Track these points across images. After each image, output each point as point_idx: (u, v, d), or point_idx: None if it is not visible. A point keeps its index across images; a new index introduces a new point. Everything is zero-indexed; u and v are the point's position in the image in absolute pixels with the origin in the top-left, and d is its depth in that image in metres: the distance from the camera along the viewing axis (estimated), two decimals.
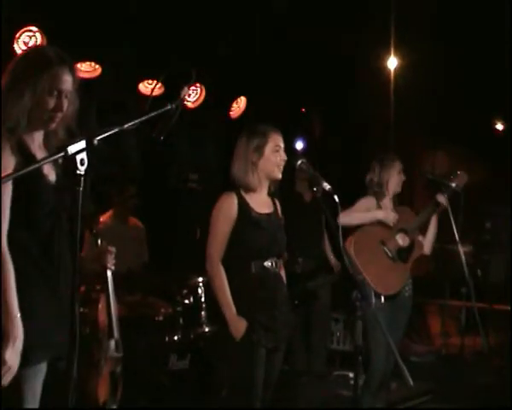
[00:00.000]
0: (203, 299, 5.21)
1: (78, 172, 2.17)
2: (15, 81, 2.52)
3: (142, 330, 4.88)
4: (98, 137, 2.24)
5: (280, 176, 3.64)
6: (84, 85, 2.72)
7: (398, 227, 4.83)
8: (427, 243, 4.97)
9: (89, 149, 2.19)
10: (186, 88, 2.71)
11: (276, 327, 3.55)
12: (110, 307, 3.51)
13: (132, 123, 2.42)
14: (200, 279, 5.21)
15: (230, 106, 7.65)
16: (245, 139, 3.65)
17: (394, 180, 4.93)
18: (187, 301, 5.21)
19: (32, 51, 2.93)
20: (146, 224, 6.11)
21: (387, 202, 4.94)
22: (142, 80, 6.62)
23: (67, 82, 2.57)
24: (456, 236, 4.65)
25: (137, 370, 4.68)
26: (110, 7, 5.78)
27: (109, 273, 3.33)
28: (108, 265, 3.14)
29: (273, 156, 3.60)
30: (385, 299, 4.55)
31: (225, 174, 3.81)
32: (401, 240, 4.83)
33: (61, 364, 2.52)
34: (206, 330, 5.16)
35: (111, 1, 5.86)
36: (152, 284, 5.29)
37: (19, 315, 2.38)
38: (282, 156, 3.61)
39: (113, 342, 3.62)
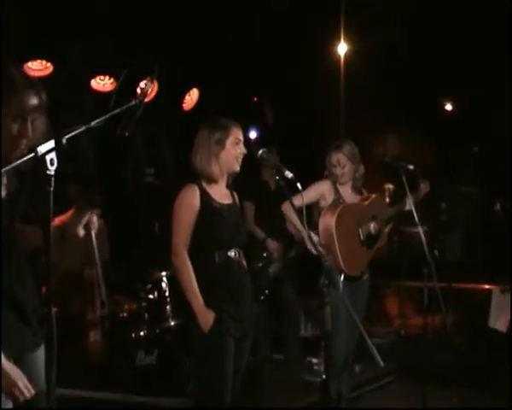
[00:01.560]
0: (167, 293, 5.21)
1: (48, 172, 2.15)
2: None
3: (107, 327, 4.85)
4: (66, 136, 2.22)
5: (238, 168, 3.69)
6: None
7: (372, 214, 4.89)
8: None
9: (58, 148, 2.17)
10: (149, 83, 2.69)
11: (243, 316, 3.58)
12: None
13: (98, 120, 2.39)
14: (164, 273, 5.21)
15: (183, 98, 7.61)
16: (207, 132, 3.67)
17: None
18: (151, 296, 5.21)
19: None
20: (104, 221, 6.05)
21: (347, 188, 4.97)
22: (93, 76, 6.54)
23: (33, 107, 2.47)
24: (416, 218, 4.72)
25: (105, 366, 4.66)
26: (60, 3, 5.68)
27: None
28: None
29: (233, 149, 3.64)
30: (343, 279, 4.59)
31: (181, 167, 3.82)
32: (373, 228, 4.89)
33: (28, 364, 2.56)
34: (172, 324, 5.16)
35: None
36: (115, 280, 5.25)
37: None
38: (241, 149, 3.67)
39: None
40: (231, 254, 3.59)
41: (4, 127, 2.43)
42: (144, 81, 6.19)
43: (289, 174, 3.27)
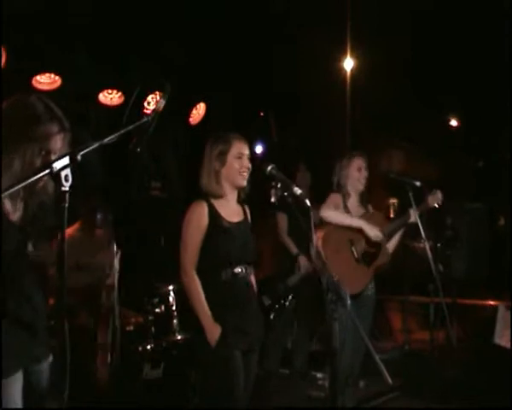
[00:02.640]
0: (174, 307, 5.21)
1: (63, 188, 2.18)
2: (3, 142, 2.39)
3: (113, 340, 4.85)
4: (81, 153, 2.25)
5: (244, 183, 3.67)
6: None
7: None
8: (391, 245, 5.04)
9: (73, 164, 2.20)
10: (162, 100, 2.72)
11: (249, 330, 3.59)
12: None
13: (112, 136, 2.42)
14: (171, 287, 5.21)
15: (190, 112, 7.65)
16: (209, 147, 3.68)
17: (353, 178, 4.97)
18: (158, 310, 5.21)
19: (19, 104, 2.56)
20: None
21: (354, 202, 4.99)
22: (101, 90, 6.58)
23: (57, 140, 2.49)
24: (422, 233, 4.73)
25: (111, 380, 4.66)
26: (68, 18, 5.73)
27: None
28: None
29: (236, 164, 3.62)
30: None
31: (187, 181, 3.83)
32: (368, 245, 4.88)
33: (34, 377, 2.59)
34: (179, 337, 5.16)
35: (69, 12, 5.81)
36: (121, 294, 5.26)
37: None
38: (245, 164, 3.64)
39: None
40: (237, 270, 3.60)
41: (30, 164, 2.42)
42: (152, 96, 6.26)
43: (298, 191, 3.26)
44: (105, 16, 6.14)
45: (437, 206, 4.96)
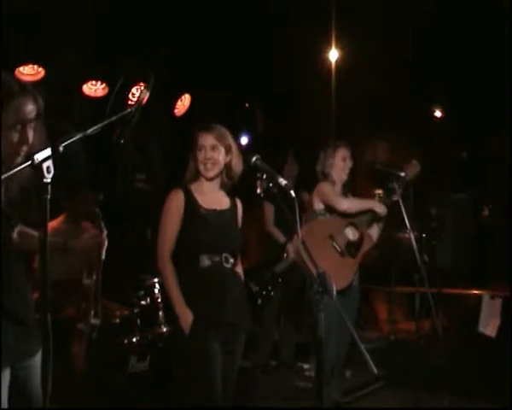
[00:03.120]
0: (160, 299, 5.20)
1: (45, 180, 2.16)
2: None
3: (99, 333, 4.83)
4: (63, 144, 2.22)
5: (209, 175, 3.65)
6: None
7: (346, 221, 4.88)
8: (374, 233, 5.04)
9: (55, 156, 2.18)
10: (145, 90, 2.71)
11: (226, 320, 3.55)
12: None
13: (95, 128, 2.40)
14: (156, 280, 5.20)
15: (175, 104, 7.62)
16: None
17: (338, 167, 4.97)
18: (144, 303, 5.20)
19: None
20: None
21: (338, 191, 4.99)
22: (85, 82, 6.54)
23: (31, 113, 2.49)
24: (408, 224, 4.73)
25: (97, 373, 4.65)
26: (52, 8, 5.68)
27: None
28: None
29: (199, 155, 3.65)
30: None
31: (172, 173, 3.82)
32: (351, 234, 4.88)
33: (22, 373, 2.57)
34: (165, 330, 5.15)
35: (52, 2, 5.76)
36: (107, 286, 5.24)
37: None
38: (205, 155, 3.63)
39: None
40: (216, 259, 3.58)
41: (4, 135, 2.43)
42: (136, 87, 6.22)
43: (283, 181, 3.25)
44: (90, 7, 6.10)
45: (414, 175, 4.95)
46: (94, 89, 6.52)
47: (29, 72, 5.91)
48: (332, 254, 4.75)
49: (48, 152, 2.17)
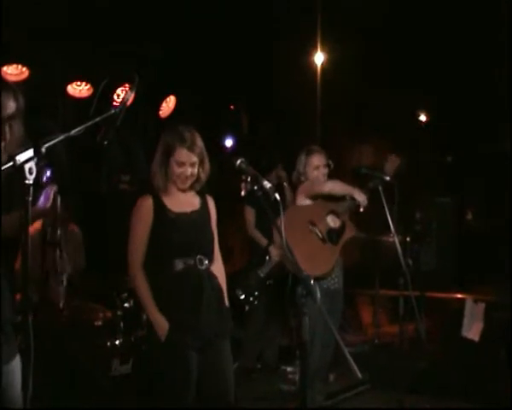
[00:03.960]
0: None
1: (26, 181, 2.14)
2: None
3: (82, 335, 4.80)
4: (46, 145, 2.21)
5: (184, 187, 3.57)
6: None
7: (328, 209, 4.87)
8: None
9: (37, 157, 2.16)
10: (130, 91, 2.69)
11: (200, 326, 3.48)
12: None
13: (78, 129, 2.39)
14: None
15: (160, 105, 7.60)
16: (160, 141, 3.60)
17: (313, 176, 4.97)
18: (127, 305, 5.17)
19: None
20: (79, 228, 6.02)
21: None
22: (70, 82, 6.50)
23: (9, 109, 2.48)
24: (392, 227, 4.74)
25: (80, 376, 4.61)
26: (36, 8, 5.65)
27: None
28: None
29: (176, 169, 3.52)
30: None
31: None
32: (332, 222, 4.87)
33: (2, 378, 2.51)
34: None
35: (37, 2, 5.73)
36: (90, 289, 5.21)
37: None
38: (185, 171, 3.53)
39: None
40: (190, 262, 3.51)
41: None
42: (121, 88, 6.20)
43: (268, 184, 3.23)
44: (76, 7, 6.07)
45: (395, 169, 4.96)
46: (78, 89, 6.49)
47: (13, 72, 5.88)
48: (313, 240, 4.73)
49: (30, 153, 2.15)
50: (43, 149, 2.18)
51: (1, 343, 2.53)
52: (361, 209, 4.95)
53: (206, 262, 3.59)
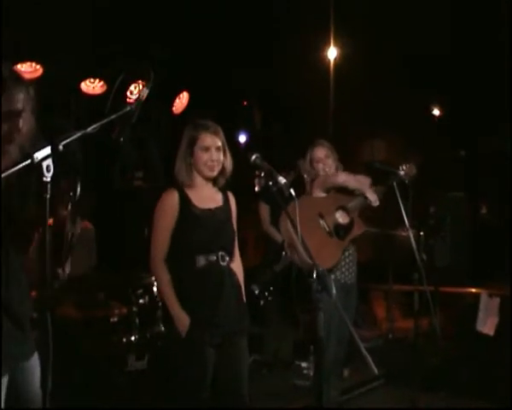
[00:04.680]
0: (158, 298, 5.18)
1: (44, 179, 2.14)
2: None
3: (98, 332, 4.83)
4: (63, 142, 2.21)
5: (212, 175, 3.60)
6: None
7: (338, 204, 4.86)
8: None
9: (54, 154, 2.17)
10: (145, 89, 2.68)
11: (220, 322, 3.51)
12: None
13: (95, 126, 2.39)
14: (155, 278, 5.18)
15: (173, 101, 7.61)
16: (183, 136, 3.63)
17: (316, 170, 4.95)
18: (142, 301, 5.19)
19: None
20: (93, 225, 6.03)
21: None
22: (83, 79, 6.53)
23: (22, 102, 2.49)
24: (407, 223, 4.72)
25: (96, 372, 4.64)
26: (50, 6, 5.67)
27: None
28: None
29: (202, 155, 3.56)
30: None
31: (170, 170, 3.78)
32: (340, 218, 4.85)
33: (20, 375, 2.55)
34: (163, 329, 5.13)
35: (50, 1, 5.76)
36: (105, 285, 5.23)
37: None
38: (211, 156, 3.56)
39: None
40: (212, 258, 3.54)
41: None
42: (134, 84, 6.20)
43: (282, 180, 3.24)
44: (88, 5, 6.09)
45: (410, 178, 4.94)
46: (92, 86, 6.53)
47: (27, 69, 5.91)
48: (320, 232, 4.70)
49: (47, 151, 2.16)
50: (61, 147, 2.19)
51: (20, 340, 2.54)
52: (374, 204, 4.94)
53: (228, 259, 3.62)
